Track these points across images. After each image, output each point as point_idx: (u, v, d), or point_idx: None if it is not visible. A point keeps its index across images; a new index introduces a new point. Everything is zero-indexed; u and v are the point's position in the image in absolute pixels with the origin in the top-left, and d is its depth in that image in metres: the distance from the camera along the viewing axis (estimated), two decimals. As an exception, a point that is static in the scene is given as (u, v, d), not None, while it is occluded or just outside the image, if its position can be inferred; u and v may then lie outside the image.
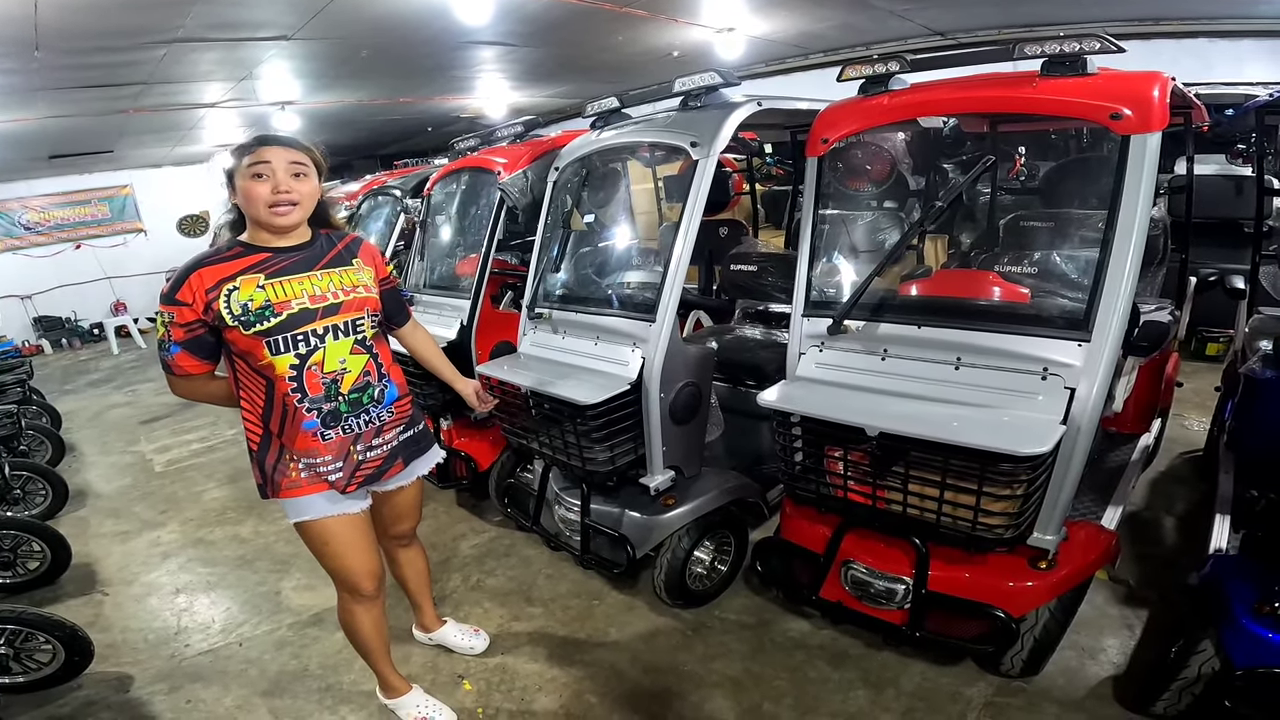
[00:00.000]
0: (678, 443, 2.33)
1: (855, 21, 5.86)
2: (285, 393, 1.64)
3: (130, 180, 10.58)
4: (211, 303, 1.57)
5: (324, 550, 1.80)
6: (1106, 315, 1.64)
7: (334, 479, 1.73)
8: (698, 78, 2.35)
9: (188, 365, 1.63)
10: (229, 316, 1.57)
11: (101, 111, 6.34)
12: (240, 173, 1.60)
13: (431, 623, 2.38)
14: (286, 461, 1.70)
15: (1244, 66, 5.29)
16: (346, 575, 1.84)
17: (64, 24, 3.84)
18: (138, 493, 4.24)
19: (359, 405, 1.74)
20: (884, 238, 2.56)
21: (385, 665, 2.07)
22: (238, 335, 1.59)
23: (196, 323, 1.59)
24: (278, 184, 1.59)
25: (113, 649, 2.61)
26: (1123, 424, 2.74)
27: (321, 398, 1.67)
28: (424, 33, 5.11)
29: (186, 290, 1.57)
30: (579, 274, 2.79)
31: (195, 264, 1.60)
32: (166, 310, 1.59)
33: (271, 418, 1.68)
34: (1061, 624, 1.92)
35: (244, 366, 1.67)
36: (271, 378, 1.63)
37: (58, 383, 7.69)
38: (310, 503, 1.73)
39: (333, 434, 1.70)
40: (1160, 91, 1.65)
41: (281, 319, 1.61)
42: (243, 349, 1.62)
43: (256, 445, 1.72)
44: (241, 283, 1.59)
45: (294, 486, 1.71)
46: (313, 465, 1.71)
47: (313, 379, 1.65)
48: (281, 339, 1.61)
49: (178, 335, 1.60)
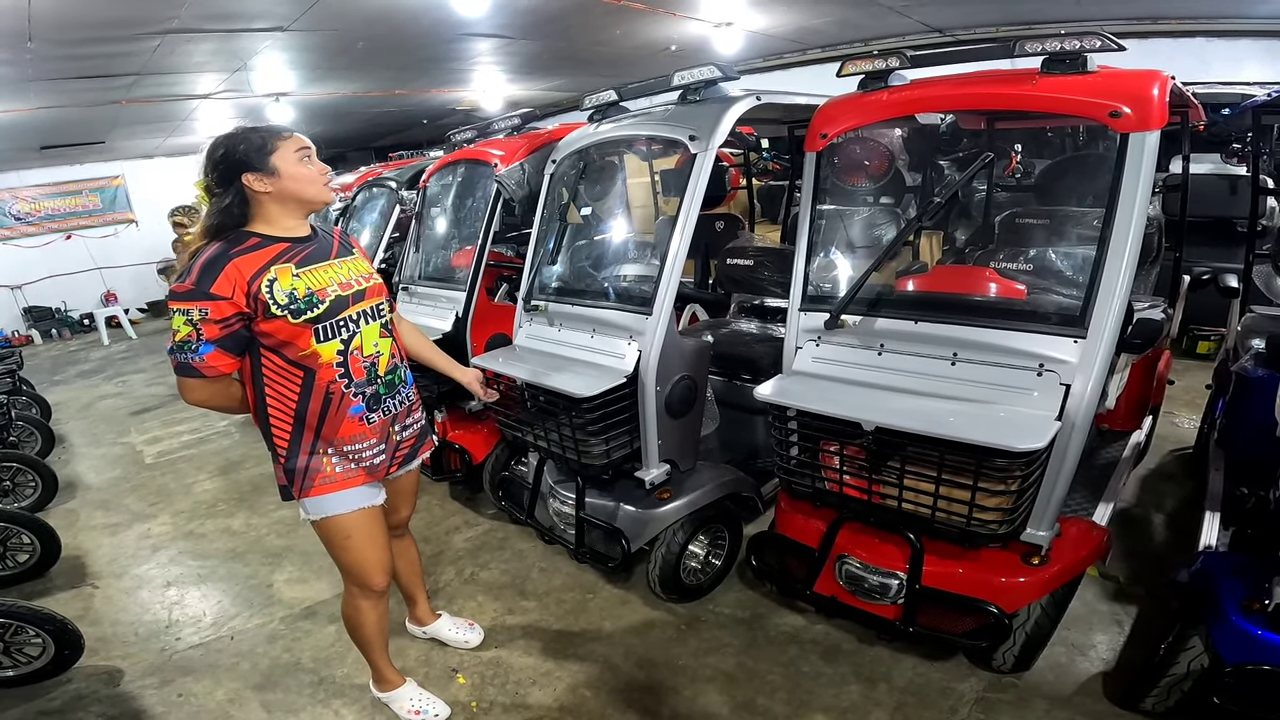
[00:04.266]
0: (673, 436, 2.33)
1: (854, 17, 5.85)
2: (330, 380, 1.63)
3: (122, 171, 10.50)
4: (256, 293, 1.50)
5: (345, 545, 1.78)
6: (1102, 312, 1.65)
7: (379, 462, 1.76)
8: (696, 71, 2.35)
9: (220, 365, 1.54)
10: (275, 306, 1.52)
11: (94, 103, 6.28)
12: (283, 157, 1.55)
13: (426, 616, 2.38)
14: (320, 457, 1.68)
15: (1241, 66, 5.31)
16: (364, 569, 1.83)
17: (57, 14, 3.80)
18: (128, 485, 4.21)
19: (393, 387, 1.78)
20: (881, 233, 2.56)
21: (382, 659, 2.06)
22: (282, 325, 1.54)
23: (235, 316, 1.50)
24: (320, 166, 1.61)
25: (103, 642, 2.59)
26: (1115, 421, 2.76)
27: (364, 381, 1.69)
28: (420, 24, 5.08)
29: (224, 282, 1.47)
30: (575, 267, 2.78)
31: (224, 254, 1.50)
32: (197, 306, 1.47)
33: (309, 412, 1.64)
34: (1053, 620, 1.93)
35: (277, 362, 1.61)
36: (314, 367, 1.62)
37: (47, 373, 7.63)
38: (342, 498, 1.71)
39: (376, 416, 1.73)
40: (1160, 90, 1.66)
41: (326, 306, 1.60)
42: (282, 340, 1.57)
43: (285, 445, 1.66)
44: (277, 272, 1.54)
45: (328, 482, 1.69)
46: (354, 453, 1.70)
47: (356, 363, 1.67)
48: (328, 325, 1.61)
49: (211, 333, 1.49)
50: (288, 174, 1.56)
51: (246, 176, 1.54)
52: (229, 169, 1.55)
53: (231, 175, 1.55)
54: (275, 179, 1.56)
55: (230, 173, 1.55)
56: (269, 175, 1.55)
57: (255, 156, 1.54)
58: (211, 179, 1.57)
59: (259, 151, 1.54)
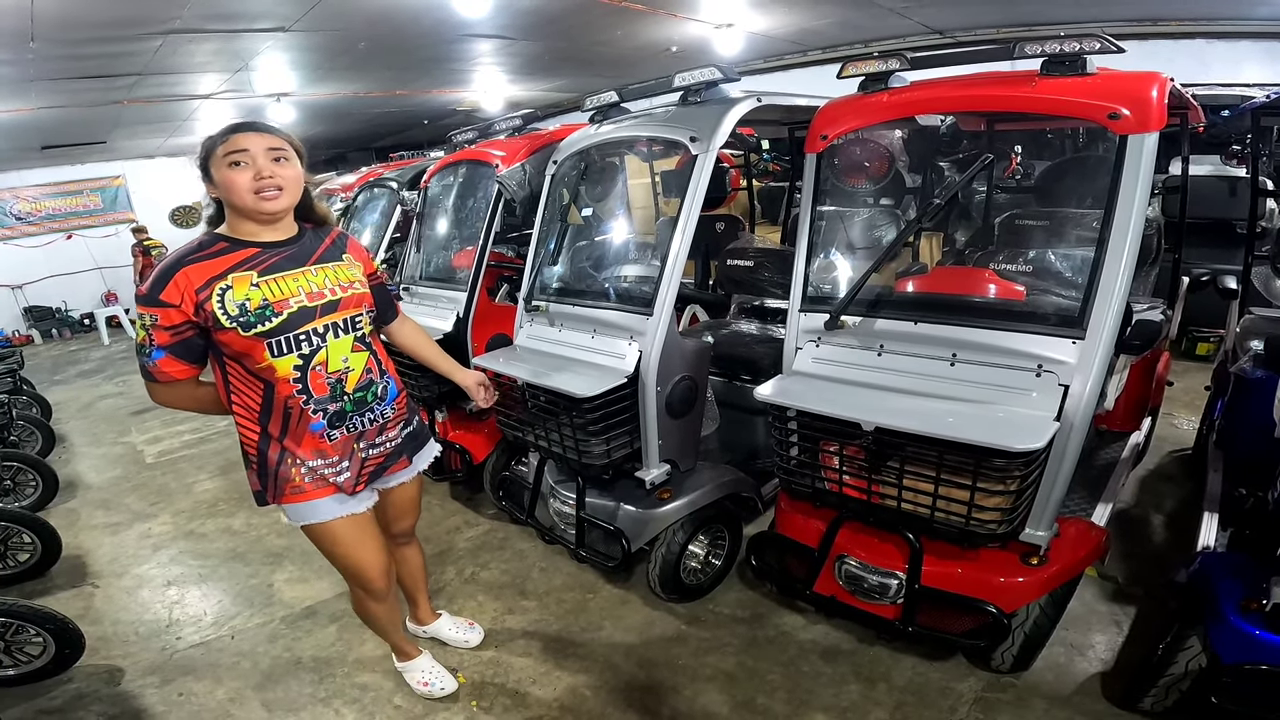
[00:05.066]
0: (673, 436, 2.34)
1: (854, 19, 5.86)
2: (288, 395, 1.58)
3: (123, 171, 10.52)
4: (203, 303, 1.47)
5: (334, 551, 1.79)
6: (1101, 313, 1.65)
7: (342, 480, 1.70)
8: (697, 73, 2.35)
9: (173, 371, 1.53)
10: (224, 318, 1.48)
11: (96, 103, 6.29)
12: (216, 163, 1.50)
13: (426, 616, 2.38)
14: (289, 465, 1.64)
15: (1241, 67, 5.32)
16: (359, 573, 1.84)
17: (60, 14, 3.81)
18: (129, 484, 4.22)
19: (364, 404, 1.70)
20: (881, 234, 2.57)
21: (398, 638, 2.14)
22: (234, 337, 1.50)
23: (184, 325, 1.49)
24: (259, 170, 1.49)
25: (103, 641, 2.59)
26: (1113, 422, 2.76)
27: (327, 398, 1.62)
28: (422, 25, 5.09)
29: (172, 290, 1.46)
30: (576, 267, 2.78)
31: (178, 261, 1.48)
32: (148, 312, 1.47)
33: (271, 421, 1.61)
34: (1052, 620, 1.93)
35: (238, 370, 1.58)
36: (272, 380, 1.56)
37: (48, 373, 7.64)
38: (315, 507, 1.69)
39: (338, 434, 1.67)
40: (1159, 92, 1.66)
41: (283, 319, 1.53)
42: (238, 351, 1.53)
43: (254, 450, 1.64)
44: (234, 281, 1.50)
45: (298, 491, 1.66)
46: (316, 469, 1.66)
47: (317, 379, 1.60)
48: (284, 339, 1.54)
49: (161, 339, 1.48)
50: (219, 180, 1.51)
51: (205, 182, 1.55)
52: (202, 173, 1.56)
53: (207, 178, 1.55)
54: (214, 186, 1.53)
55: (205, 176, 1.56)
56: (210, 182, 1.54)
57: (205, 162, 1.53)
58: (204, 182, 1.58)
59: (207, 157, 1.52)
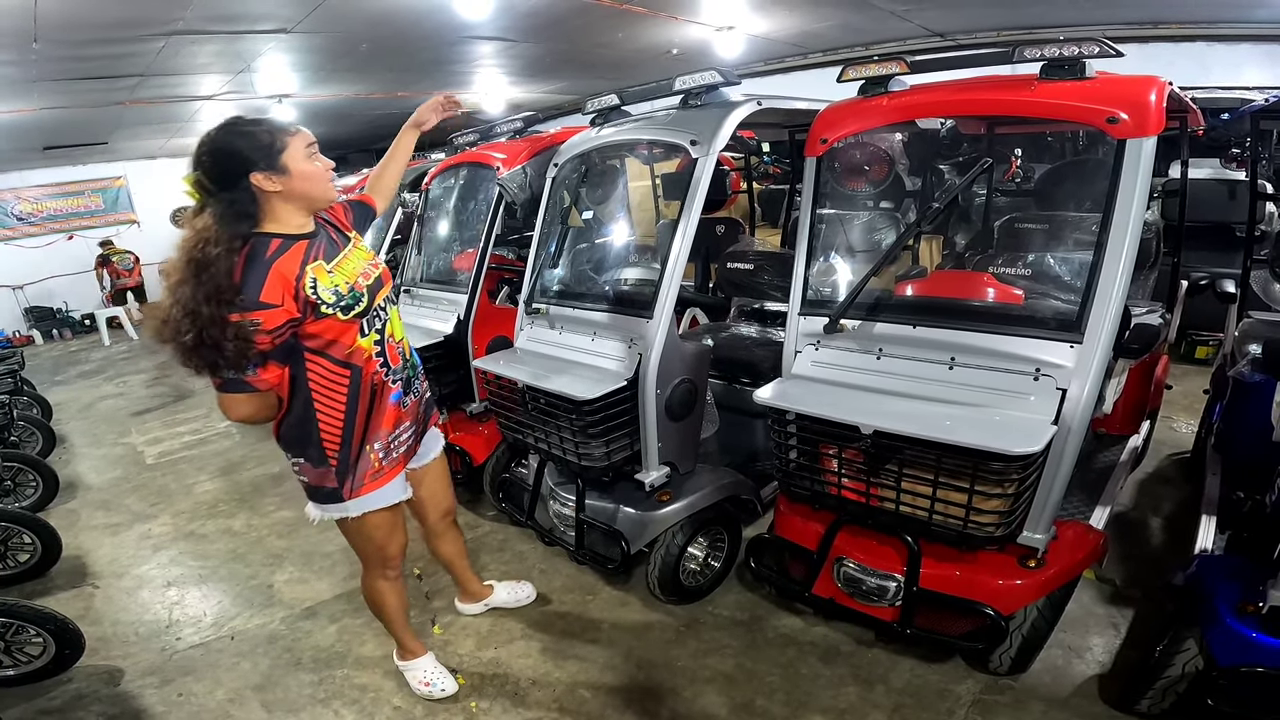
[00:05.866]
0: (673, 439, 2.34)
1: (855, 22, 5.87)
2: (373, 372, 1.66)
3: (124, 172, 10.53)
4: (304, 295, 1.47)
5: (375, 535, 1.84)
6: (1098, 318, 1.66)
7: (406, 450, 1.83)
8: (698, 76, 2.36)
9: (273, 376, 1.50)
10: (325, 305, 1.49)
11: (98, 103, 6.31)
12: (293, 156, 1.48)
13: (481, 590, 2.49)
14: (368, 454, 1.70)
15: (1242, 70, 5.33)
16: (389, 554, 1.92)
17: (64, 15, 3.82)
18: (129, 485, 4.22)
19: (415, 367, 1.87)
20: (881, 238, 2.58)
21: (404, 632, 2.16)
22: (332, 323, 1.52)
23: (286, 324, 1.45)
24: (326, 163, 1.56)
25: (103, 642, 2.60)
26: (1112, 425, 2.76)
27: (400, 367, 1.75)
28: (423, 27, 5.10)
29: (272, 290, 1.41)
30: (576, 270, 2.79)
31: (263, 263, 1.43)
32: (249, 318, 1.38)
33: (358, 411, 1.65)
34: (1049, 622, 1.94)
35: (323, 365, 1.57)
36: (359, 363, 1.63)
37: (49, 373, 7.64)
38: (389, 490, 1.78)
39: (409, 399, 1.81)
40: (1157, 96, 1.67)
41: (365, 299, 1.60)
42: (330, 339, 1.55)
43: (336, 446, 1.64)
44: (313, 271, 1.50)
45: (377, 477, 1.73)
46: (390, 447, 1.75)
47: (392, 350, 1.72)
48: (369, 318, 1.63)
49: (264, 343, 1.42)
50: (298, 172, 1.48)
51: (255, 176, 1.45)
52: (235, 167, 1.43)
53: (237, 174, 1.44)
54: (286, 178, 1.47)
55: (236, 172, 1.44)
56: (279, 174, 1.47)
57: (264, 155, 1.45)
58: (209, 176, 1.44)
59: (268, 150, 1.45)
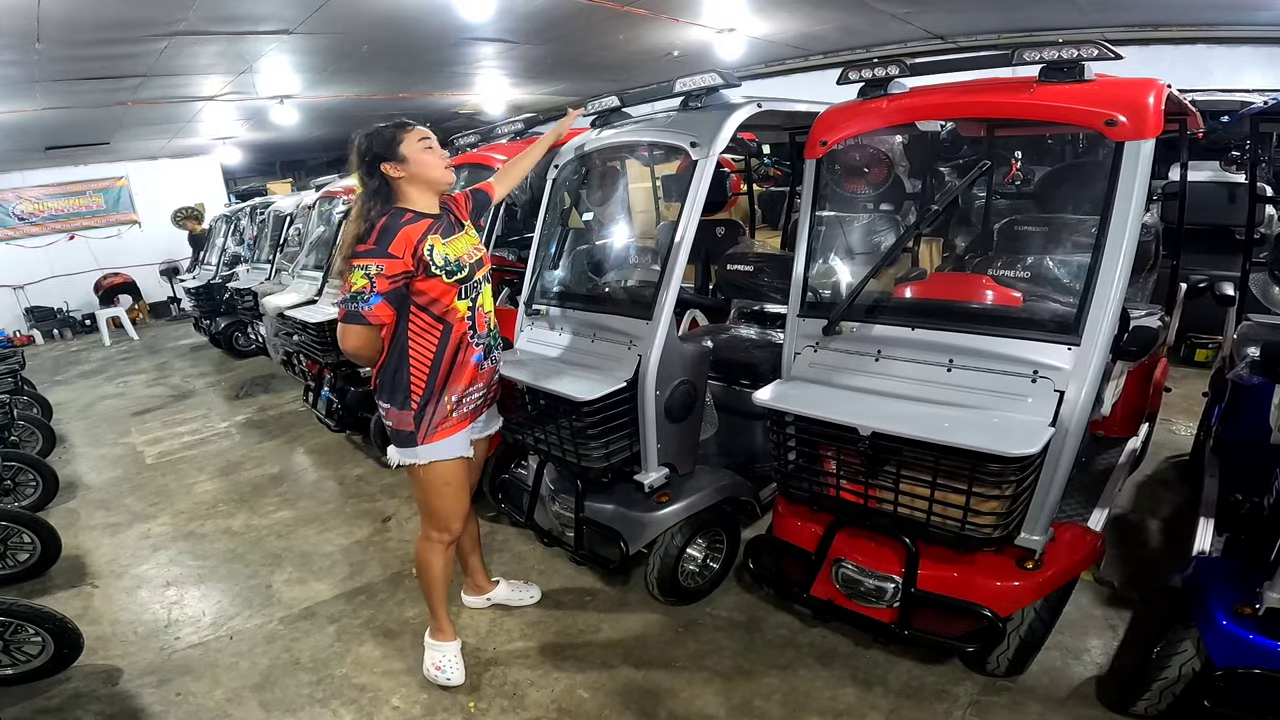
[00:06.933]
0: (672, 440, 2.34)
1: (855, 24, 5.89)
2: (463, 332, 1.97)
3: (126, 172, 10.55)
4: (422, 255, 1.83)
5: (444, 490, 2.05)
6: (1096, 320, 1.66)
7: (476, 407, 2.09)
8: (699, 78, 2.36)
9: (384, 315, 1.83)
10: (435, 267, 1.85)
11: (100, 104, 6.32)
12: (410, 146, 1.86)
13: (486, 584, 2.56)
14: (444, 404, 1.97)
15: (1242, 73, 5.35)
16: (452, 513, 2.10)
17: (66, 16, 3.84)
18: (128, 485, 4.22)
19: (498, 339, 2.15)
20: (880, 240, 2.58)
21: (442, 608, 2.24)
22: (437, 284, 1.87)
23: (402, 274, 1.81)
24: (441, 152, 1.92)
25: (102, 641, 2.60)
26: (1111, 428, 2.77)
27: (485, 334, 2.05)
28: (425, 28, 5.11)
29: (399, 243, 1.79)
30: (576, 271, 2.79)
31: (397, 225, 1.82)
32: (376, 263, 1.77)
33: (442, 361, 1.94)
34: (1047, 624, 1.94)
35: (424, 318, 1.91)
36: (453, 321, 1.94)
37: (49, 373, 7.65)
38: (458, 440, 2.02)
39: (487, 364, 2.08)
40: (1155, 99, 1.67)
41: (466, 270, 1.94)
42: (433, 297, 1.89)
43: (420, 392, 1.93)
44: (432, 241, 1.86)
45: (448, 426, 1.98)
46: (464, 402, 2.01)
47: (480, 318, 2.04)
48: (466, 286, 1.95)
49: (382, 286, 1.78)
50: (414, 160, 1.86)
51: (385, 166, 1.86)
52: (372, 160, 1.86)
53: (374, 166, 1.86)
54: (406, 165, 1.86)
55: (373, 164, 1.86)
56: (400, 163, 1.86)
57: (388, 149, 1.85)
58: (361, 170, 1.89)
59: (390, 144, 1.86)
